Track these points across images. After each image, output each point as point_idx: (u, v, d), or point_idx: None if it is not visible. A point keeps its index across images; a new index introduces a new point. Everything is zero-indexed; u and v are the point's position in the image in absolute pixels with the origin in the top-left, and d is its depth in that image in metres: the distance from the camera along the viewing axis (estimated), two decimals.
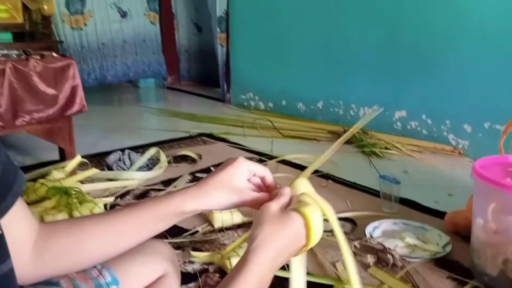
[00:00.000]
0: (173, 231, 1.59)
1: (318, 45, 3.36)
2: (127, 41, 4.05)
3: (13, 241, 0.53)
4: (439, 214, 1.81)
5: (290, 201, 0.62)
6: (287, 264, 0.60)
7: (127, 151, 2.38)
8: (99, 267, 0.72)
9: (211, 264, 1.44)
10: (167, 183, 2.15)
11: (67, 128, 2.17)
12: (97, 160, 2.44)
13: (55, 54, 2.14)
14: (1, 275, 0.47)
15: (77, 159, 2.10)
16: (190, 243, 1.57)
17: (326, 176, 2.22)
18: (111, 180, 2.13)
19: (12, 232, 0.53)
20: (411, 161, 2.56)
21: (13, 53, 2.07)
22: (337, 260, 1.46)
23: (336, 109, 3.31)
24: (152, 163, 2.38)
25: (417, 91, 2.82)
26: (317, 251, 1.49)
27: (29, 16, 3.50)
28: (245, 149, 2.72)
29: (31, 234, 0.57)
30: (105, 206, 1.82)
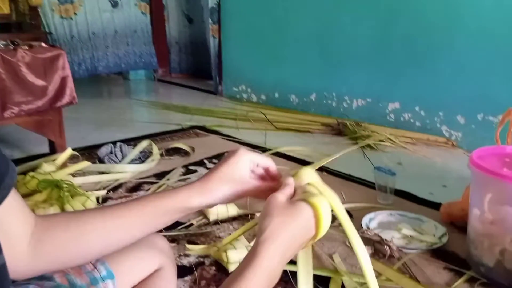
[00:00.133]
0: None
1: (311, 37, 3.33)
2: (119, 31, 3.99)
3: (9, 234, 0.52)
4: (434, 205, 1.81)
5: (294, 192, 0.60)
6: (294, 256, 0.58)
7: (118, 143, 2.34)
8: (93, 261, 0.70)
9: (207, 257, 1.42)
10: (160, 176, 2.12)
11: (57, 120, 2.13)
12: (88, 153, 2.40)
13: (44, 44, 2.09)
14: None
15: (68, 151, 2.06)
16: (185, 236, 1.54)
17: (320, 168, 2.20)
18: (103, 173, 2.10)
19: (7, 225, 0.52)
20: (405, 153, 2.56)
21: (0, 43, 2.02)
22: (334, 252, 1.45)
23: (329, 101, 3.29)
24: (144, 156, 2.35)
25: (410, 83, 2.82)
26: (313, 243, 1.47)
27: (16, 6, 3.43)
28: (239, 142, 2.70)
29: (27, 227, 0.56)
30: (97, 199, 1.79)
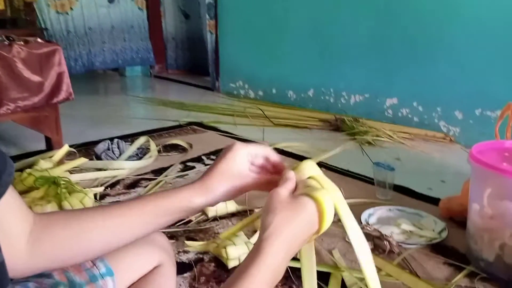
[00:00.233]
0: None
1: (308, 32, 3.32)
2: (115, 26, 3.95)
3: (7, 232, 0.51)
4: (433, 200, 1.81)
5: (296, 185, 0.59)
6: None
7: (116, 140, 2.33)
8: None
9: (206, 253, 1.41)
10: (158, 172, 2.11)
11: (53, 116, 2.11)
12: (85, 149, 2.39)
13: (39, 39, 2.07)
14: None
15: (65, 148, 2.05)
16: (183, 233, 1.54)
17: (318, 164, 2.19)
18: (100, 169, 2.09)
19: (5, 223, 0.51)
20: (403, 148, 2.55)
21: None
22: (334, 247, 1.44)
23: (326, 97, 3.28)
24: (141, 152, 2.34)
25: (408, 78, 2.81)
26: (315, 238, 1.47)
27: (11, 2, 3.40)
28: (236, 138, 2.69)
29: (26, 225, 0.55)
30: (95, 196, 1.77)
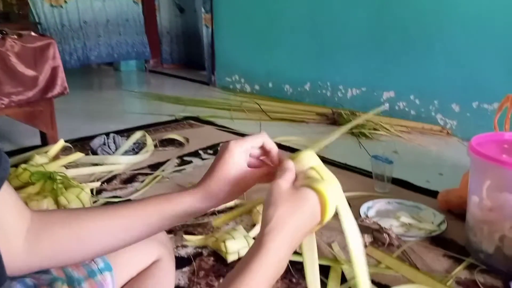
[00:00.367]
0: None
1: (305, 26, 3.30)
2: (110, 20, 3.90)
3: (3, 229, 0.50)
4: (431, 193, 1.81)
5: (296, 176, 0.57)
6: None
7: (111, 135, 2.31)
8: None
9: (205, 247, 1.40)
10: (155, 167, 2.09)
11: (48, 111, 2.08)
12: (81, 144, 2.36)
13: (33, 33, 2.04)
14: None
15: (60, 143, 2.03)
16: (182, 227, 1.52)
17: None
18: (96, 164, 2.07)
19: (1, 220, 0.50)
20: (400, 141, 2.55)
21: None
22: (333, 240, 1.44)
23: (323, 91, 3.27)
24: (138, 147, 2.32)
25: (405, 71, 2.81)
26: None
27: None
28: (233, 132, 2.67)
29: (23, 222, 0.54)
30: (92, 191, 1.75)
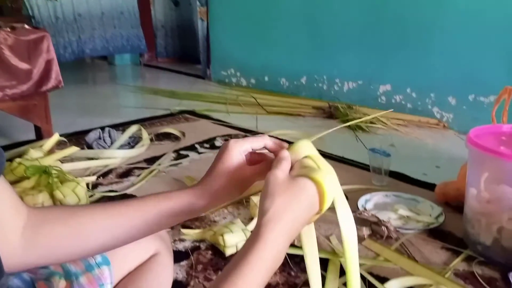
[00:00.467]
0: None
1: (301, 19, 3.28)
2: (105, 13, 3.85)
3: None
4: (428, 186, 1.81)
5: (292, 166, 0.56)
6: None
7: (107, 129, 2.29)
8: None
9: (203, 241, 1.39)
10: (151, 161, 2.08)
11: (43, 105, 2.06)
12: (76, 138, 2.34)
13: (27, 26, 2.01)
14: None
15: (55, 137, 2.00)
16: None
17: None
18: (91, 159, 2.05)
19: None
20: (397, 135, 2.55)
21: None
22: (331, 233, 1.43)
23: (320, 84, 3.26)
24: (133, 141, 2.31)
25: (402, 64, 2.80)
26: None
27: None
28: (230, 126, 2.66)
29: (19, 218, 0.53)
30: (87, 185, 1.74)
